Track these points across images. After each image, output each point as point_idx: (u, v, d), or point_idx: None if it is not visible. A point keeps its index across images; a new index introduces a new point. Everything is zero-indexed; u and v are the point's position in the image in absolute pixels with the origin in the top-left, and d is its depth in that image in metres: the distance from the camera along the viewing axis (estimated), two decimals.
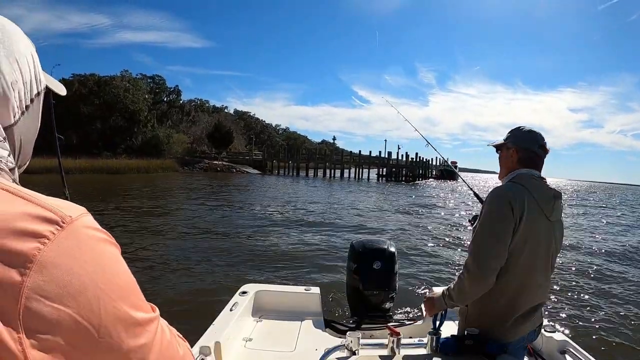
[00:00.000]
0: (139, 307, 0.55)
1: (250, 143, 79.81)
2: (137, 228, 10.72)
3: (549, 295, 2.08)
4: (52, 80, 0.74)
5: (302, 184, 38.58)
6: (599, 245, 11.27)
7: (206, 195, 22.37)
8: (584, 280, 7.44)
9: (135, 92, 60.29)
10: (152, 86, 71.74)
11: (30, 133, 0.68)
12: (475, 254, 1.84)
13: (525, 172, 1.95)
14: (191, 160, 56.18)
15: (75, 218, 0.52)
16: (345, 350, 2.12)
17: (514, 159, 1.99)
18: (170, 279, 6.27)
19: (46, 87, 0.71)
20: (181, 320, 3.90)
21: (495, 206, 1.85)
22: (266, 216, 14.26)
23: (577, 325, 5.21)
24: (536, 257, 1.87)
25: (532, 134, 1.99)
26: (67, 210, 0.53)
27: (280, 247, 9.04)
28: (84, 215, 0.55)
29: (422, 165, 65.39)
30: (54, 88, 0.74)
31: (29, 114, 0.65)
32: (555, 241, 1.95)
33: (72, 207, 0.55)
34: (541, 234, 1.87)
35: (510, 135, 2.04)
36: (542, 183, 1.94)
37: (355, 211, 17.13)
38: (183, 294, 5.68)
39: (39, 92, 0.67)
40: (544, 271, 1.94)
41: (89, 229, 0.53)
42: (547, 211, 1.88)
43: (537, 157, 1.97)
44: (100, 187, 23.35)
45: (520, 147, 1.97)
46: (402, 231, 12.16)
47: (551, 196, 1.91)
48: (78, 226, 0.52)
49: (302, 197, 23.72)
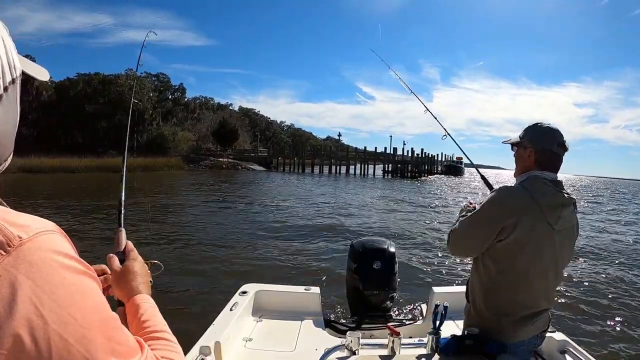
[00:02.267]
0: (111, 352, 0.49)
1: (255, 140, 79.91)
2: (139, 227, 10.72)
3: (553, 303, 2.04)
4: (32, 65, 0.68)
5: (308, 181, 38.53)
6: (600, 245, 11.17)
7: (210, 192, 22.42)
8: (585, 280, 7.37)
9: (140, 91, 60.46)
10: (157, 84, 71.94)
11: (8, 125, 0.60)
12: (454, 233, 1.98)
13: (537, 175, 1.88)
14: (196, 158, 56.32)
15: (27, 239, 0.46)
16: (345, 350, 2.12)
17: (531, 160, 1.91)
18: (170, 278, 6.28)
19: (23, 74, 0.64)
20: (181, 320, 3.92)
21: (490, 204, 1.89)
22: (269, 214, 14.24)
23: (577, 325, 5.18)
24: (535, 262, 1.84)
25: (551, 132, 1.91)
26: (19, 229, 0.47)
27: (281, 246, 9.01)
28: (42, 234, 0.48)
29: (428, 161, 65.23)
30: (33, 73, 0.68)
31: (3, 102, 0.58)
32: (561, 250, 1.90)
33: (29, 224, 0.49)
34: (542, 241, 1.83)
35: (527, 133, 1.96)
36: (553, 189, 1.85)
37: (359, 209, 17.09)
38: (183, 293, 5.67)
39: (13, 79, 0.60)
40: (546, 278, 1.90)
41: (47, 252, 0.47)
42: (551, 219, 1.81)
43: (556, 157, 1.90)
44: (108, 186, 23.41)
45: (538, 147, 1.89)
46: (404, 229, 12.11)
47: (559, 204, 1.84)
48: (30, 249, 0.46)
49: (307, 194, 23.75)
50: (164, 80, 74.08)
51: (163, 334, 0.81)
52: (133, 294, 0.95)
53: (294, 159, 63.88)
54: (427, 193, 29.26)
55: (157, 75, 73.76)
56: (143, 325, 0.84)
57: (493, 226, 1.83)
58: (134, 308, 0.91)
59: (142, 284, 0.99)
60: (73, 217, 12.04)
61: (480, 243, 1.89)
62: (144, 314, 0.88)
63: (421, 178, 53.94)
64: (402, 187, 34.46)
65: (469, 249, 1.96)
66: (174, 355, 0.74)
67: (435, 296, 2.92)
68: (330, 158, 63.33)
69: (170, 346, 0.78)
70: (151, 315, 0.88)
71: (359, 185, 35.93)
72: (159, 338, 0.79)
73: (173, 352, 0.76)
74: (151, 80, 70.66)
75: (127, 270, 1.01)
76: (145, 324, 0.85)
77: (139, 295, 0.95)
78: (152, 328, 0.83)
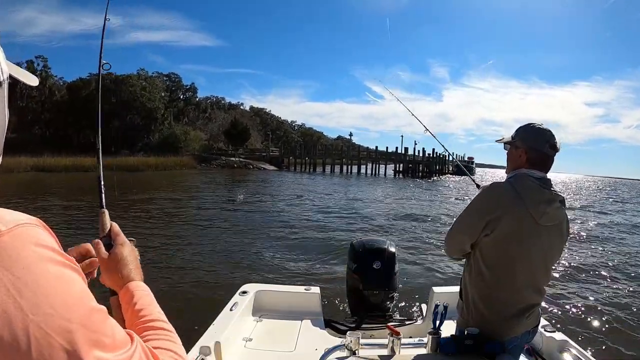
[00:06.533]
0: (95, 344, 0.48)
1: (266, 139, 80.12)
2: (142, 226, 10.79)
3: (543, 298, 2.05)
4: (21, 71, 0.68)
5: (319, 180, 38.55)
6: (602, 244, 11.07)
7: (218, 192, 22.60)
8: (585, 279, 7.33)
9: (152, 90, 60.97)
10: (169, 84, 72.53)
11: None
12: (448, 233, 2.07)
13: (525, 172, 1.92)
14: (208, 157, 56.58)
15: (5, 231, 0.46)
16: (345, 350, 2.11)
17: (522, 159, 1.94)
18: (170, 278, 6.30)
19: (11, 78, 0.63)
20: (181, 320, 3.92)
21: (476, 200, 1.98)
22: (273, 214, 14.28)
23: (577, 325, 5.15)
24: (522, 258, 1.87)
25: (542, 132, 1.94)
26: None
27: (282, 246, 9.02)
28: (21, 226, 0.48)
29: (439, 161, 64.89)
30: (22, 78, 0.67)
31: None
32: (549, 246, 1.92)
33: (7, 217, 0.48)
34: (527, 236, 1.85)
35: (519, 133, 1.99)
36: (538, 186, 1.88)
37: (367, 208, 17.14)
38: (183, 293, 5.68)
39: (0, 81, 0.60)
40: (534, 274, 1.92)
41: (26, 244, 0.47)
42: (536, 215, 1.83)
43: (547, 157, 1.93)
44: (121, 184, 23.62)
45: (530, 147, 1.92)
46: (407, 229, 12.11)
47: (544, 200, 1.86)
48: (8, 241, 0.45)
49: (316, 194, 23.67)
50: (175, 80, 74.73)
51: (159, 324, 0.79)
52: (125, 281, 0.91)
53: (305, 158, 63.96)
54: (438, 193, 29.13)
55: (169, 75, 74.58)
56: (138, 315, 0.81)
57: (479, 219, 1.88)
58: (127, 296, 0.88)
59: (134, 270, 0.95)
60: (84, 214, 12.16)
61: (469, 238, 1.93)
62: (138, 302, 0.85)
63: (433, 178, 53.74)
64: (413, 187, 34.34)
65: (461, 243, 1.99)
66: (171, 345, 0.72)
67: (435, 296, 2.93)
68: (342, 158, 63.25)
69: (168, 336, 0.75)
70: (146, 303, 0.85)
71: (371, 184, 35.90)
72: (156, 328, 0.77)
73: (170, 341, 0.73)
74: (162, 80, 71.24)
75: (117, 257, 0.95)
76: (140, 312, 0.82)
77: (132, 282, 0.91)
78: (148, 317, 0.80)
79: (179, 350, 0.72)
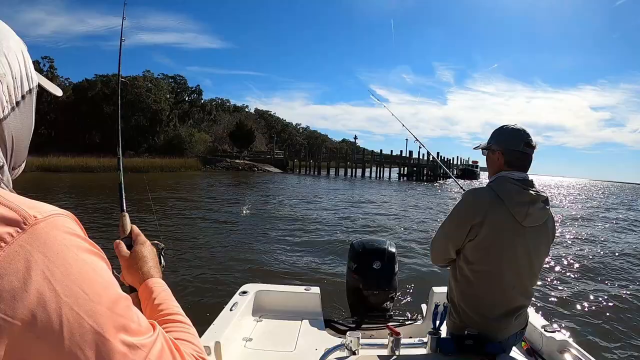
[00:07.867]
0: (121, 328, 0.51)
1: (271, 142, 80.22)
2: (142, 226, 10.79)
3: (530, 300, 2.06)
4: (47, 82, 0.73)
5: (323, 183, 38.60)
6: (603, 245, 11.04)
7: (222, 193, 22.61)
8: (585, 280, 7.33)
9: (157, 92, 61.19)
10: (174, 86, 72.76)
11: (24, 131, 0.65)
12: (432, 240, 2.09)
13: (505, 175, 1.93)
14: (213, 159, 56.80)
15: (41, 219, 0.49)
16: (345, 350, 2.11)
17: (500, 162, 1.97)
18: (169, 278, 6.30)
19: (39, 86, 0.69)
20: None
21: (458, 206, 1.98)
22: (274, 214, 14.27)
23: (577, 325, 5.15)
24: (507, 260, 1.87)
25: (516, 132, 1.96)
26: (34, 209, 0.49)
27: (282, 246, 9.02)
28: (54, 216, 0.51)
29: (444, 164, 64.68)
30: (49, 88, 0.73)
31: (20, 110, 0.63)
32: (535, 247, 1.93)
33: (43, 207, 0.51)
34: (511, 238, 1.86)
35: (493, 137, 2.02)
36: (519, 187, 1.89)
37: (370, 210, 17.11)
38: (183, 293, 5.67)
39: (30, 89, 0.65)
40: (520, 275, 1.92)
41: (59, 232, 0.50)
42: (519, 216, 1.84)
43: (524, 156, 1.94)
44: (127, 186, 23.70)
45: (506, 149, 1.95)
46: (407, 229, 12.11)
47: (526, 201, 1.86)
48: (44, 228, 0.48)
49: (319, 196, 23.69)
50: (181, 82, 74.91)
51: (178, 317, 0.82)
52: (145, 278, 0.96)
53: (309, 161, 64.07)
54: (441, 196, 29.10)
55: (174, 77, 74.73)
56: (157, 309, 0.85)
57: (462, 226, 1.89)
58: (146, 292, 0.92)
59: (153, 268, 1.00)
60: (89, 214, 12.20)
61: (452, 244, 1.95)
62: (157, 297, 0.89)
63: (438, 182, 53.67)
64: (417, 190, 34.31)
65: (445, 250, 1.99)
66: (190, 337, 0.75)
67: (435, 296, 2.92)
68: (346, 160, 63.27)
69: (185, 328, 0.78)
70: (164, 298, 0.89)
71: (374, 187, 35.85)
72: (174, 321, 0.80)
73: (188, 333, 0.76)
74: (168, 81, 71.48)
75: (137, 256, 1.02)
76: (159, 307, 0.85)
77: (151, 279, 0.96)
78: (167, 311, 0.84)
79: (197, 343, 0.74)
